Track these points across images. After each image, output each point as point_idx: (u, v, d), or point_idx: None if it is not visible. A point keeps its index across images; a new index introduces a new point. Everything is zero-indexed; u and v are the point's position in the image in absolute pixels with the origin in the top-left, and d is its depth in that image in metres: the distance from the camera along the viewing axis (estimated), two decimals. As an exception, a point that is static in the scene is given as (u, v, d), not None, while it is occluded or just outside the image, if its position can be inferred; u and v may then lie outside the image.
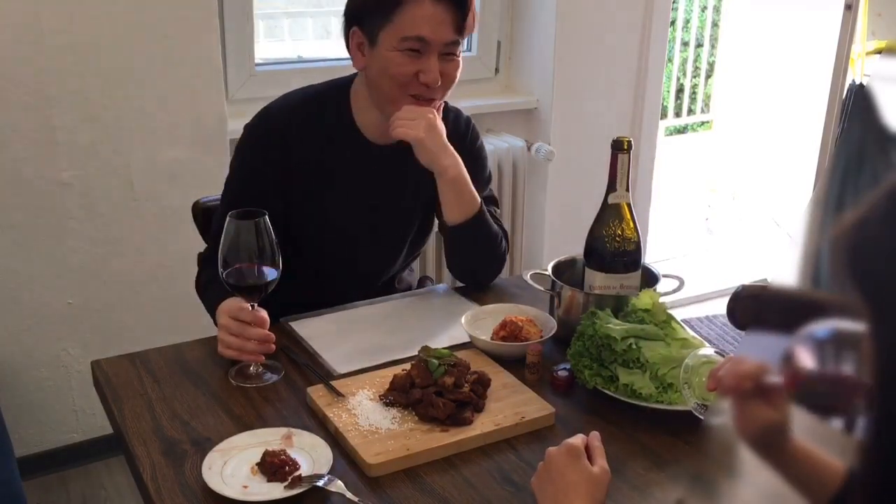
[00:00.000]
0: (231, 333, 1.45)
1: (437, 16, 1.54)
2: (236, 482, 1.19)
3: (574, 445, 1.13)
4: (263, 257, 1.39)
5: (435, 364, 1.37)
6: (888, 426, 0.70)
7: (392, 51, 1.56)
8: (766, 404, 1.01)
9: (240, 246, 1.37)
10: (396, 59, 1.56)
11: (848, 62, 3.59)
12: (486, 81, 3.08)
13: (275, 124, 1.68)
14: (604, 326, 1.42)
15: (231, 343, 1.45)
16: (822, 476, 0.93)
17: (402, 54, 1.56)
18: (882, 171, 0.71)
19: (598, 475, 1.10)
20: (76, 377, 2.54)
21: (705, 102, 5.48)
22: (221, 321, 1.47)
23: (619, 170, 1.53)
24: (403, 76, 1.58)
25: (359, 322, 1.68)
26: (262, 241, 1.38)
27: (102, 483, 2.56)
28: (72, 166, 2.37)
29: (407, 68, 1.57)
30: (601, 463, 1.12)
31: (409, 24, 1.54)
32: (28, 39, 2.24)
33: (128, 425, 1.35)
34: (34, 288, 2.42)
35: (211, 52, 2.44)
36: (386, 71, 1.58)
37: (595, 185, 1.77)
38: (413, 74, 1.58)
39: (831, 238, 0.76)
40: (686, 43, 5.36)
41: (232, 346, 1.45)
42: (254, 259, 1.39)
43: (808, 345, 0.92)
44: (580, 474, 1.10)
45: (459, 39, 1.59)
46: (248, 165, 1.69)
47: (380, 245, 1.80)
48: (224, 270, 1.39)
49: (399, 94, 1.60)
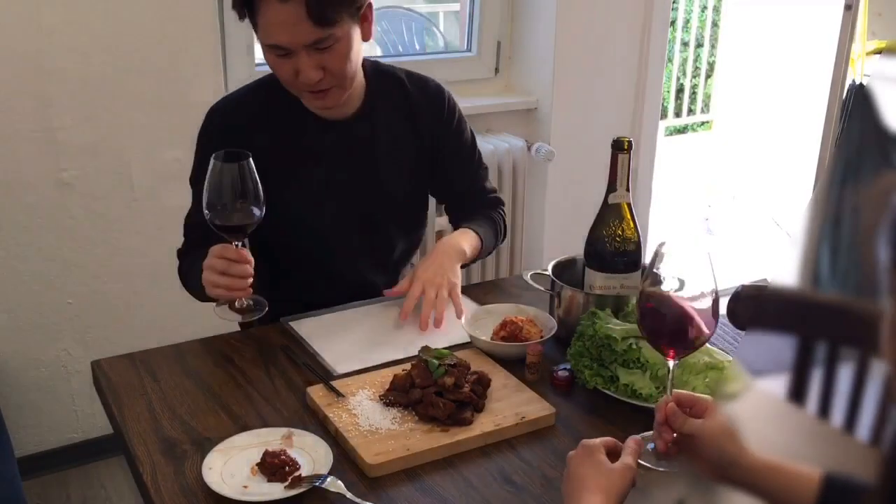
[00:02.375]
0: (217, 272, 1.43)
1: (288, 17, 1.43)
2: (236, 482, 1.19)
3: (588, 442, 1.11)
4: (247, 197, 1.38)
5: (435, 364, 1.37)
6: None
7: (267, 53, 1.52)
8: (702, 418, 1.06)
9: (223, 187, 1.37)
10: (273, 62, 1.52)
11: (848, 62, 3.59)
12: (486, 81, 3.08)
13: (220, 120, 1.66)
14: (604, 326, 1.42)
15: (218, 281, 1.43)
16: (790, 487, 0.94)
17: (276, 58, 1.51)
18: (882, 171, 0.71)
19: (613, 469, 1.07)
20: (76, 377, 2.54)
21: (705, 102, 5.49)
22: (207, 262, 1.45)
23: (619, 170, 1.53)
24: (285, 78, 1.54)
25: (359, 322, 1.68)
26: (246, 182, 1.37)
27: (102, 483, 2.56)
28: (72, 166, 2.37)
29: (284, 70, 1.52)
30: (626, 459, 1.09)
31: (265, 32, 1.48)
32: (28, 39, 2.24)
33: (128, 425, 1.35)
34: (34, 288, 2.42)
35: (211, 52, 2.44)
36: (274, 72, 1.56)
37: (595, 185, 1.77)
38: (293, 75, 1.51)
39: (868, 197, 0.71)
40: (686, 43, 5.36)
41: (219, 284, 1.43)
42: (237, 199, 1.38)
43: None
44: (592, 468, 1.08)
45: (322, 35, 1.46)
46: (204, 153, 1.61)
47: (370, 228, 1.75)
48: (209, 212, 1.38)
49: (296, 91, 1.57)
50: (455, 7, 3.30)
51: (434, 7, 3.31)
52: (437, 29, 3.47)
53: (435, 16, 3.44)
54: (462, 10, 3.15)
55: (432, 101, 1.77)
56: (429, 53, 3.30)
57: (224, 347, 1.59)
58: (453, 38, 3.34)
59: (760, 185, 4.42)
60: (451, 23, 3.38)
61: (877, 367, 0.74)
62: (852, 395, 0.82)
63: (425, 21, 3.43)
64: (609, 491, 1.05)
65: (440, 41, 3.43)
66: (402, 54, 3.28)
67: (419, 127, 1.76)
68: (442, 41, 3.44)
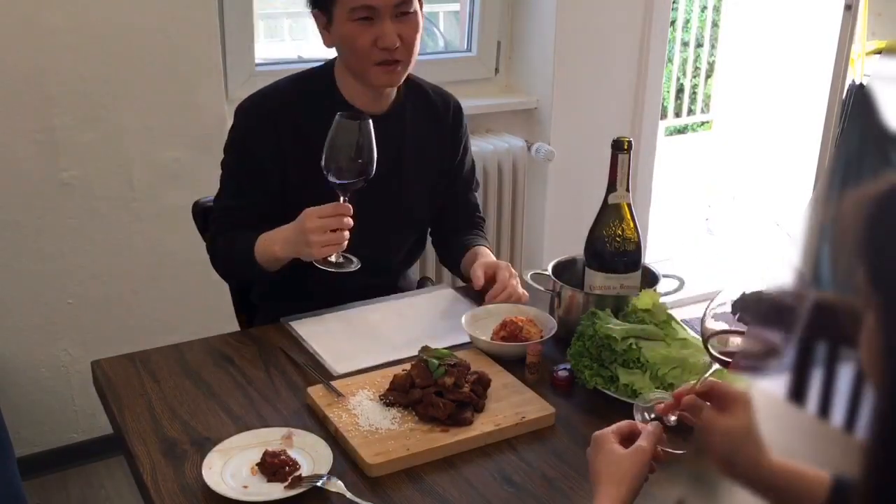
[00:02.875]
0: (328, 230, 1.52)
1: None
2: (236, 482, 1.19)
3: (597, 434, 1.09)
4: (362, 155, 1.50)
5: (435, 364, 1.37)
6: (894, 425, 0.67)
7: (346, 23, 1.61)
8: (723, 413, 1.01)
9: (342, 145, 1.49)
10: (352, 30, 1.61)
11: (848, 62, 3.59)
12: (486, 81, 3.08)
13: (265, 104, 1.73)
14: (604, 326, 1.42)
15: (331, 239, 1.52)
16: (803, 490, 0.92)
17: (356, 24, 1.60)
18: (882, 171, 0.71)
19: (622, 455, 1.04)
20: (76, 377, 2.54)
21: (705, 103, 5.48)
22: (314, 225, 1.52)
23: (619, 170, 1.53)
24: (362, 46, 1.62)
25: (359, 322, 1.68)
26: (362, 141, 1.49)
27: (102, 483, 2.56)
28: (72, 166, 2.37)
29: (364, 38, 1.61)
30: (640, 442, 1.06)
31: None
32: (28, 39, 2.24)
33: (128, 425, 1.35)
34: (34, 288, 2.42)
35: (211, 52, 2.44)
36: (347, 44, 1.64)
37: (595, 185, 1.77)
38: (371, 42, 1.61)
39: (839, 213, 0.72)
40: (686, 43, 5.36)
41: (332, 241, 1.53)
42: (352, 156, 1.50)
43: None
44: (603, 460, 1.06)
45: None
46: (240, 147, 1.73)
47: (384, 220, 1.78)
48: (326, 168, 1.50)
49: (365, 64, 1.65)
50: (455, 7, 3.30)
51: (434, 7, 3.30)
52: (437, 29, 3.47)
53: (435, 16, 3.43)
54: (462, 10, 3.15)
55: (455, 115, 1.87)
56: (429, 53, 3.29)
57: (224, 347, 1.59)
58: (453, 38, 3.34)
59: (760, 185, 4.41)
60: (451, 23, 3.38)
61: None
62: (852, 395, 0.82)
63: (425, 21, 3.42)
64: (621, 480, 1.02)
65: (440, 41, 3.43)
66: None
67: (442, 136, 1.84)
68: (442, 41, 3.44)
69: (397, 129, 1.76)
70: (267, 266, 1.66)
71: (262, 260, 1.65)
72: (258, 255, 1.65)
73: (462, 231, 1.93)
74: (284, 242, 1.60)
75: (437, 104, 1.84)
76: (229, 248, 1.72)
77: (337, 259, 1.56)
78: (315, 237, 1.52)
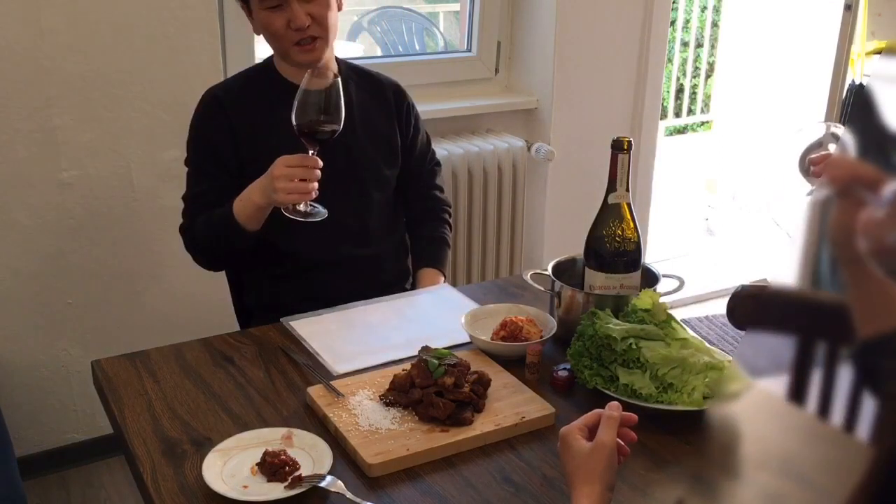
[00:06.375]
0: (294, 178, 1.58)
1: None
2: (236, 482, 1.19)
3: (563, 431, 1.08)
4: (329, 112, 1.58)
5: (435, 364, 1.37)
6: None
7: (261, 12, 1.72)
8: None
9: (311, 101, 1.57)
10: (266, 17, 1.72)
11: (848, 62, 3.59)
12: (486, 82, 3.08)
13: (213, 92, 1.85)
14: (604, 326, 1.42)
15: (296, 187, 1.58)
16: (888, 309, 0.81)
17: (268, 12, 1.71)
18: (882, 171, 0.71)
19: (588, 453, 1.03)
20: (76, 377, 2.54)
21: (705, 103, 5.49)
22: (281, 172, 1.59)
23: (619, 170, 1.53)
24: (278, 30, 1.72)
25: (359, 322, 1.68)
26: (331, 93, 1.57)
27: (102, 483, 2.56)
28: (72, 166, 2.37)
29: (277, 22, 1.71)
30: (600, 436, 1.04)
31: None
32: (28, 39, 2.24)
33: (128, 425, 1.35)
34: (34, 288, 2.42)
35: (211, 52, 2.44)
36: (266, 30, 1.74)
37: (595, 185, 1.77)
38: (285, 25, 1.71)
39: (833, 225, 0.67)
40: (686, 43, 5.36)
41: (298, 190, 1.58)
42: (322, 107, 1.58)
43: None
44: (571, 460, 1.05)
45: None
46: (195, 135, 1.84)
47: (346, 176, 1.83)
48: (297, 122, 1.57)
49: (285, 46, 1.74)
50: (455, 7, 3.30)
51: (434, 7, 3.31)
52: (437, 29, 3.47)
53: (435, 16, 3.44)
54: (462, 10, 3.16)
55: (396, 92, 1.96)
56: (429, 54, 3.30)
57: (224, 347, 1.59)
58: (453, 38, 3.34)
59: (760, 185, 4.41)
60: (451, 23, 3.39)
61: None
62: (852, 395, 0.82)
63: (425, 21, 3.43)
64: (591, 477, 1.01)
65: (440, 41, 3.44)
66: (402, 55, 3.28)
67: (387, 113, 1.93)
68: (442, 41, 3.44)
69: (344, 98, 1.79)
70: (247, 224, 1.69)
71: (242, 215, 1.69)
72: (237, 212, 1.69)
73: (425, 222, 2.02)
74: (260, 189, 1.66)
75: (378, 81, 1.94)
76: (207, 220, 1.77)
77: (305, 208, 1.62)
78: (280, 184, 1.59)
